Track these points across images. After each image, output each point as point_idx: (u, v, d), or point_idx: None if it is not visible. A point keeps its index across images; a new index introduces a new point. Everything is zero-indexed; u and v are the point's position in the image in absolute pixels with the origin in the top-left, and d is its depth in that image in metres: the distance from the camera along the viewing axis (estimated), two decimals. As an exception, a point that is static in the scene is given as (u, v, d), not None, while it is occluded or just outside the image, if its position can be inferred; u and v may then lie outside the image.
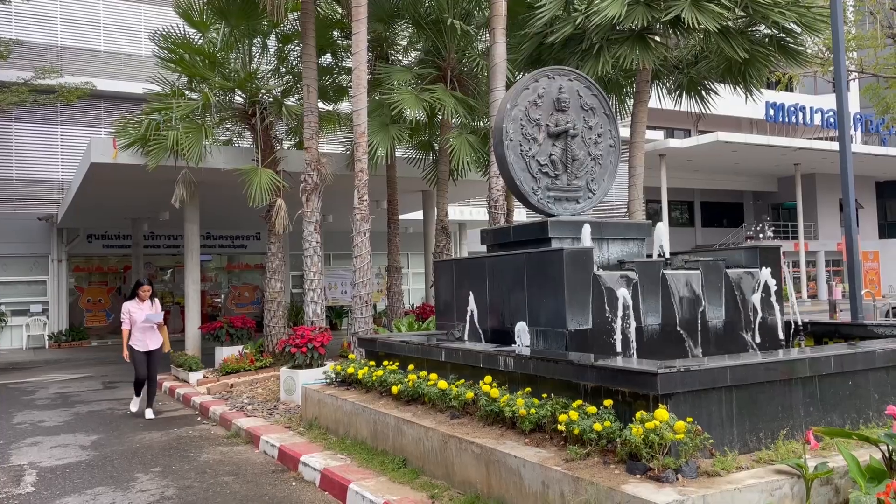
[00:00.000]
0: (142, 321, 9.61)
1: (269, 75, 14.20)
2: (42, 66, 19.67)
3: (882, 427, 4.74)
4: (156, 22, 18.07)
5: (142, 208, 18.22)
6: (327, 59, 14.52)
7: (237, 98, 13.64)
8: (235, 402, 9.95)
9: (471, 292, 7.06)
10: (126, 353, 9.69)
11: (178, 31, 13.03)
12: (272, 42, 14.11)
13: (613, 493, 3.79)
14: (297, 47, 13.57)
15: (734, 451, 4.26)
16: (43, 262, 22.56)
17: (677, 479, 3.86)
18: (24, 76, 18.96)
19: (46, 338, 22.01)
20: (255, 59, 13.93)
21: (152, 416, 9.59)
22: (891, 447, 3.92)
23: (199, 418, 9.61)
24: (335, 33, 13.99)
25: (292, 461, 6.71)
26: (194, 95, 13.35)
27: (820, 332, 7.24)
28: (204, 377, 11.92)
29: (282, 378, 9.86)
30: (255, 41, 13.72)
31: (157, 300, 9.90)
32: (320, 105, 13.11)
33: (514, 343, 6.05)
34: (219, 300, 25.75)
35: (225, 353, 12.56)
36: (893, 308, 18.40)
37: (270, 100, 13.59)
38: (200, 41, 13.32)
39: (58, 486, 6.45)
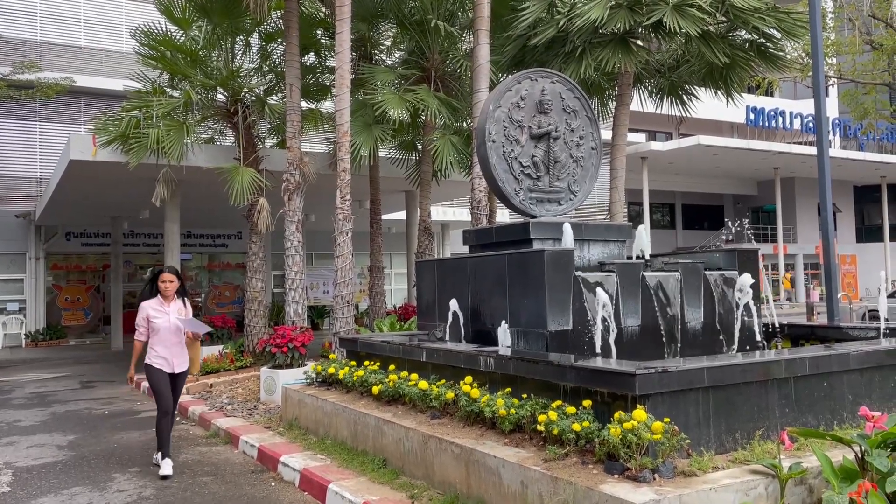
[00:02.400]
0: (168, 330, 6.65)
1: (251, 74, 14.13)
2: (21, 60, 19.42)
3: (855, 428, 4.81)
4: (137, 18, 17.90)
5: (122, 206, 18.04)
6: (311, 58, 14.49)
7: (219, 96, 13.56)
8: (215, 401, 9.89)
9: (453, 293, 7.07)
10: (133, 373, 7.18)
11: (159, 28, 12.93)
12: (255, 40, 14.04)
13: (591, 492, 3.82)
14: (280, 46, 13.52)
15: (710, 452, 4.31)
16: (20, 260, 22.27)
17: (654, 478, 3.90)
18: (2, 71, 18.71)
19: (23, 336, 21.72)
20: (238, 58, 13.86)
21: (169, 472, 6.52)
22: (863, 448, 3.98)
23: (178, 418, 9.52)
24: (319, 32, 13.96)
25: (272, 461, 6.69)
26: (176, 93, 13.25)
27: (797, 334, 7.34)
28: (183, 377, 11.82)
29: (262, 378, 9.81)
30: (237, 39, 13.65)
31: (187, 300, 6.94)
32: (303, 104, 13.08)
33: (496, 344, 6.08)
34: (199, 299, 25.56)
35: (205, 352, 12.47)
36: (870, 311, 18.66)
37: (253, 98, 13.52)
38: (182, 38, 13.23)
39: (34, 486, 6.38)
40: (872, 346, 5.40)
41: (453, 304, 6.95)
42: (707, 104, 14.84)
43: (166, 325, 6.64)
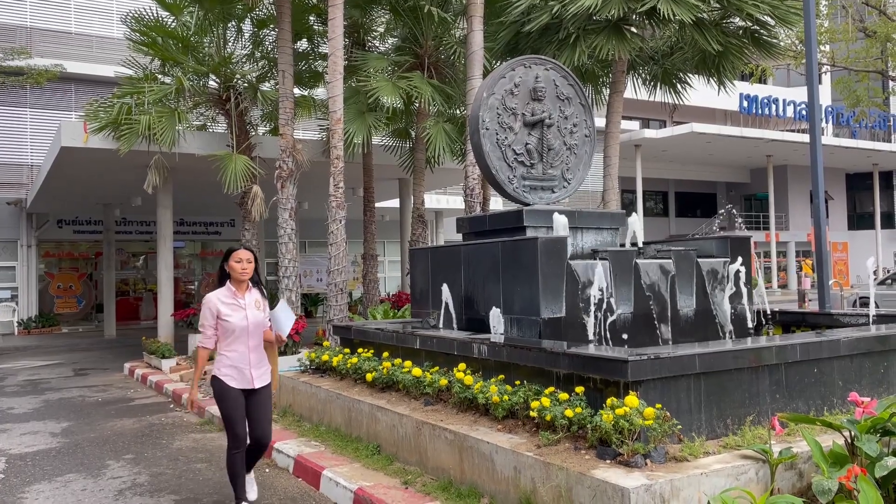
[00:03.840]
0: (245, 331, 4.85)
1: (243, 60, 14.04)
2: (10, 47, 19.24)
3: (845, 413, 4.86)
4: (128, 4, 17.75)
5: (113, 193, 17.96)
6: (303, 44, 14.40)
7: (211, 83, 13.48)
8: (209, 389, 9.88)
9: (446, 280, 7.08)
10: (195, 395, 5.07)
11: (150, 14, 12.83)
12: (247, 26, 13.94)
13: (583, 477, 3.85)
14: (273, 32, 13.44)
15: (702, 437, 4.35)
16: (12, 248, 22.18)
17: (646, 464, 3.93)
18: (-8, 57, 18.55)
19: (15, 324, 21.67)
20: (230, 44, 13.76)
21: None
22: (853, 433, 4.02)
23: (171, 405, 9.55)
24: (311, 18, 13.86)
25: (266, 448, 6.70)
26: (167, 79, 13.16)
27: (788, 321, 7.38)
28: (177, 364, 11.84)
29: (256, 365, 9.80)
30: (229, 25, 13.55)
31: (263, 288, 5.12)
32: (296, 91, 13.01)
33: (489, 331, 6.10)
34: (192, 287, 25.54)
35: (198, 340, 12.45)
36: (861, 298, 18.77)
37: (245, 85, 13.45)
38: (174, 24, 13.11)
39: (28, 473, 6.39)
40: (862, 332, 5.44)
41: (447, 292, 6.96)
42: (700, 92, 14.86)
43: (243, 324, 4.76)
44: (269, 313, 4.94)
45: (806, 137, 27.67)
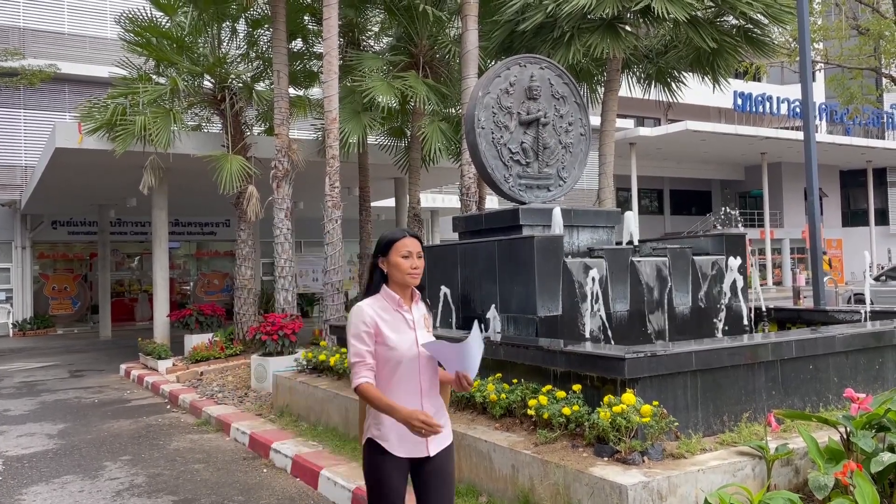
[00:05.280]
0: (414, 361, 2.97)
1: (238, 60, 14.02)
2: (3, 48, 19.18)
3: (841, 409, 4.88)
4: (122, 4, 17.71)
5: (108, 194, 17.91)
6: (298, 44, 14.39)
7: (206, 83, 13.46)
8: (205, 389, 9.89)
9: (443, 279, 7.09)
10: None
11: (144, 14, 12.80)
12: (242, 26, 13.93)
13: (581, 475, 3.86)
14: (268, 32, 13.42)
15: (699, 434, 4.37)
16: (6, 249, 22.11)
17: (643, 461, 3.95)
18: (-15, 58, 18.48)
19: (10, 326, 21.60)
20: (225, 44, 13.74)
21: None
22: (849, 429, 4.04)
23: (168, 406, 9.54)
24: (306, 18, 13.86)
25: (263, 448, 6.71)
26: (162, 80, 13.14)
27: (783, 318, 7.41)
28: (173, 365, 11.82)
29: (252, 366, 9.82)
30: (224, 25, 13.53)
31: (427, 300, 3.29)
32: (291, 90, 13.00)
33: (486, 329, 6.11)
34: (188, 287, 25.50)
35: (194, 340, 12.46)
36: (856, 294, 18.85)
37: (240, 85, 13.43)
38: (168, 25, 13.10)
39: (25, 474, 6.38)
40: (857, 329, 5.47)
41: (443, 291, 6.97)
42: (695, 90, 14.89)
43: (412, 353, 2.97)
44: (440, 344, 2.94)
45: (800, 135, 27.77)
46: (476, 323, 2.88)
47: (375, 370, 2.92)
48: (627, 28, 11.75)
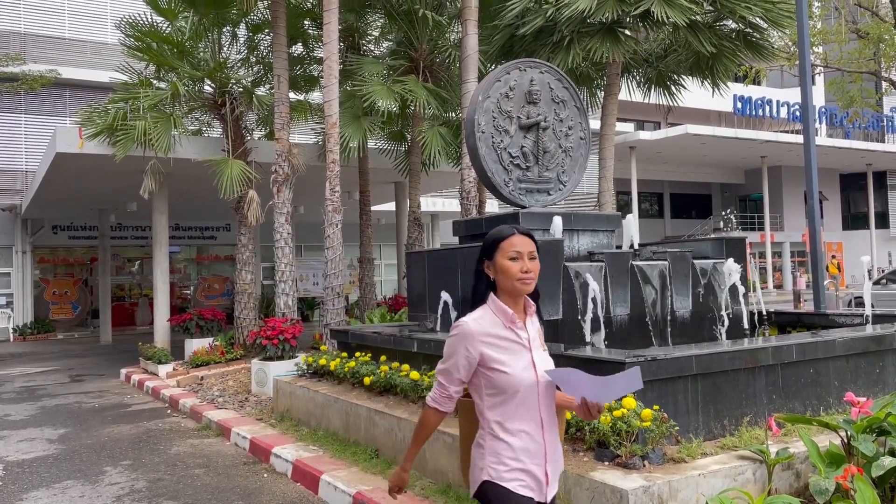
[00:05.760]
0: (533, 388, 2.44)
1: (238, 65, 14.05)
2: (5, 53, 19.21)
3: (841, 413, 4.88)
4: (122, 9, 17.76)
5: (109, 199, 17.93)
6: (298, 48, 14.42)
7: (206, 88, 13.49)
8: (206, 394, 9.89)
9: (443, 283, 7.09)
10: (402, 479, 2.69)
11: (145, 19, 12.82)
12: (242, 31, 13.95)
13: (582, 479, 3.86)
14: (268, 37, 13.44)
15: (699, 438, 4.36)
16: (7, 254, 22.12)
17: (644, 465, 3.94)
18: (-14, 63, 18.51)
19: (11, 331, 21.60)
20: (225, 49, 13.77)
21: None
22: (849, 433, 4.04)
23: (168, 411, 9.53)
24: (306, 23, 13.89)
25: (264, 453, 6.71)
26: (163, 85, 13.16)
27: (784, 322, 7.41)
28: (174, 370, 11.82)
29: (253, 370, 9.81)
30: (224, 30, 13.56)
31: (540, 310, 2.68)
32: (291, 95, 13.02)
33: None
34: (188, 292, 25.49)
35: (195, 345, 12.46)
36: (856, 298, 18.83)
37: (240, 89, 13.45)
38: (168, 29, 13.13)
39: (25, 479, 6.37)
40: (858, 332, 5.47)
41: (444, 295, 6.97)
42: (695, 93, 14.91)
43: (530, 380, 2.46)
44: (570, 371, 2.39)
45: (800, 138, 27.78)
46: (638, 368, 2.34)
47: (483, 395, 2.46)
48: (627, 32, 11.77)
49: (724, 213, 32.34)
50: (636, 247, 7.01)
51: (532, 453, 2.42)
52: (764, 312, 7.19)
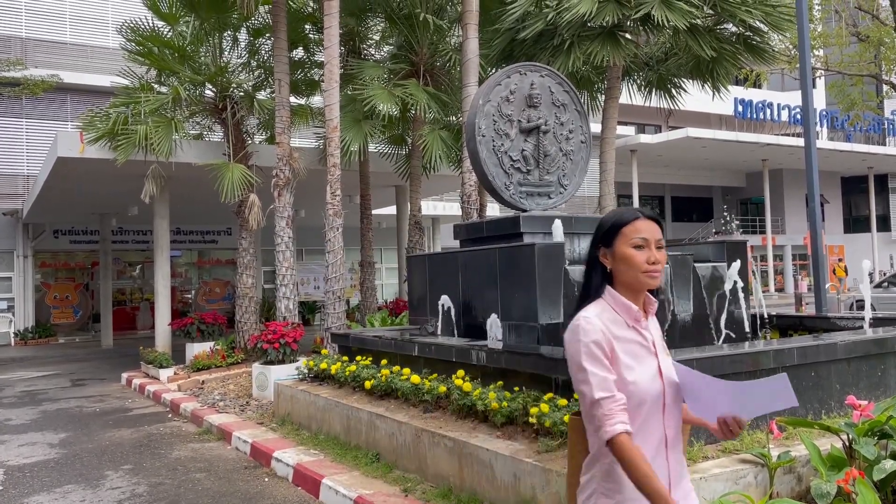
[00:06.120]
0: (658, 397, 2.09)
1: (239, 69, 14.08)
2: (6, 57, 19.25)
3: (843, 417, 4.87)
4: (123, 14, 17.79)
5: (110, 203, 17.95)
6: (299, 53, 14.44)
7: (207, 92, 13.51)
8: (207, 398, 9.88)
9: (444, 287, 7.09)
10: None
11: (146, 24, 12.86)
12: (243, 36, 13.99)
13: (583, 483, 3.85)
14: (269, 41, 13.48)
15: (700, 442, 4.36)
16: (8, 258, 22.13)
17: (645, 469, 3.93)
18: (-12, 68, 18.55)
19: (12, 335, 21.60)
20: (226, 53, 13.80)
21: None
22: (851, 436, 4.03)
23: (169, 415, 9.53)
24: (307, 27, 13.92)
25: (265, 457, 6.70)
26: (164, 89, 13.19)
27: (785, 325, 7.40)
28: (175, 374, 11.82)
29: (254, 374, 9.81)
30: (225, 34, 13.59)
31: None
32: (292, 99, 13.04)
33: (487, 337, 6.10)
34: (189, 296, 25.49)
35: (196, 349, 12.46)
36: (858, 301, 18.81)
37: (241, 94, 13.47)
38: (170, 34, 13.16)
39: (26, 484, 6.37)
40: (859, 336, 5.46)
41: (444, 299, 6.97)
42: (696, 97, 14.91)
43: (655, 389, 2.10)
44: (701, 377, 2.13)
45: (801, 141, 27.79)
46: (785, 375, 2.09)
47: (623, 411, 2.00)
48: (627, 36, 11.79)
49: (723, 217, 32.33)
50: (637, 250, 6.99)
51: (658, 464, 2.05)
52: (765, 316, 7.18)
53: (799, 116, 32.93)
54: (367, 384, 6.58)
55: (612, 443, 1.95)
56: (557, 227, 6.52)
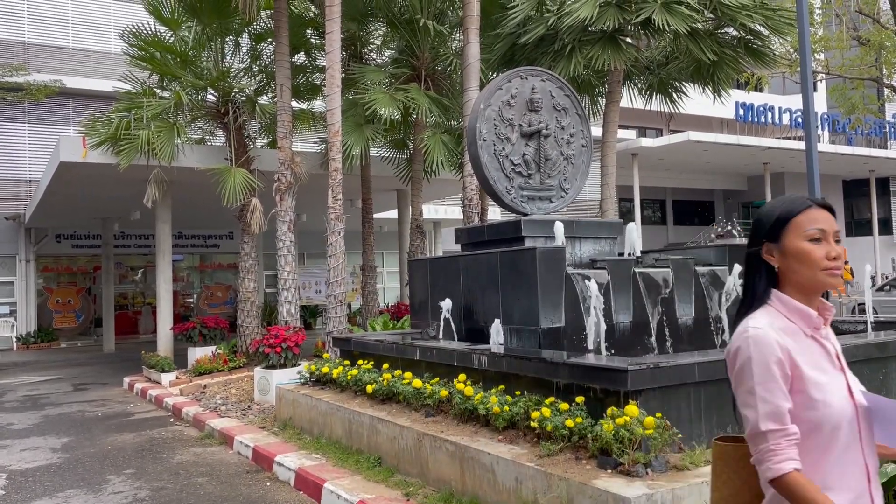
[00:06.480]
0: (855, 420, 1.73)
1: (241, 74, 14.11)
2: (8, 63, 19.31)
3: (845, 420, 4.87)
4: (125, 19, 17.84)
5: (112, 208, 17.98)
6: (301, 57, 14.47)
7: (209, 97, 13.53)
8: (209, 402, 9.89)
9: (445, 291, 7.09)
10: None
11: (148, 29, 12.89)
12: (245, 40, 14.01)
13: (585, 487, 3.85)
14: (270, 46, 13.50)
15: (702, 446, 4.35)
16: (10, 263, 22.15)
17: (647, 473, 3.94)
18: (-9, 73, 18.59)
19: (14, 339, 21.61)
20: (228, 58, 13.83)
21: None
22: (852, 440, 4.03)
23: (171, 419, 9.53)
24: (308, 32, 13.95)
25: (267, 461, 6.70)
26: (166, 94, 13.22)
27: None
28: (177, 378, 11.82)
29: (256, 378, 9.81)
30: (227, 39, 13.62)
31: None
32: (294, 104, 13.07)
33: (489, 341, 6.11)
34: (191, 300, 25.50)
35: (198, 353, 12.46)
36: (860, 304, 18.79)
37: (243, 98, 13.50)
38: (172, 39, 13.19)
39: (29, 488, 6.38)
40: (861, 339, 5.46)
41: (446, 303, 6.98)
42: (697, 100, 14.93)
43: (848, 411, 1.73)
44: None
45: (802, 145, 27.78)
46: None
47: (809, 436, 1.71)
48: (628, 40, 11.81)
49: (722, 222, 32.34)
50: (639, 254, 7.01)
51: (850, 498, 1.69)
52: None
53: (800, 120, 32.94)
54: (369, 388, 6.58)
55: (780, 482, 1.65)
56: (559, 230, 6.53)
